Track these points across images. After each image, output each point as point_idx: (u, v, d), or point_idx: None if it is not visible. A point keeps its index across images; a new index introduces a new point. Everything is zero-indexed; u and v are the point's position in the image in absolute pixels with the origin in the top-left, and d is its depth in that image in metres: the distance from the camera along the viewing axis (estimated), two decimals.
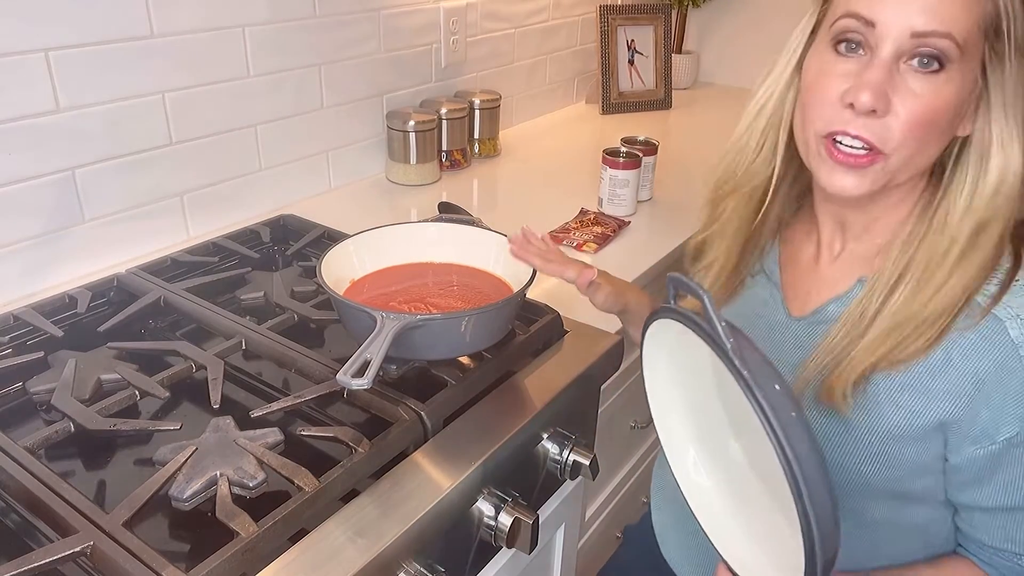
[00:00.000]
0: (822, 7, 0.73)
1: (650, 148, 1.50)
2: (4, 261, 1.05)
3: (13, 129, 1.01)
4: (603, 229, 1.37)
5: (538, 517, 0.80)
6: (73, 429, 0.77)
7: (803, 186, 0.83)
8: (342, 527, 0.68)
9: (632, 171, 1.42)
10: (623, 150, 1.45)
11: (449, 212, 1.37)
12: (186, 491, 0.68)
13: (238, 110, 1.29)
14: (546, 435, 0.88)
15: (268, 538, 0.64)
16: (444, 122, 1.61)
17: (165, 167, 1.21)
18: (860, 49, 0.68)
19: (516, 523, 0.79)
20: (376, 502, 0.71)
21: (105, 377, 0.85)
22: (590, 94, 2.23)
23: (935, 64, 0.66)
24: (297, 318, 0.98)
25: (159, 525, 0.69)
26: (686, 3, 2.31)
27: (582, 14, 2.11)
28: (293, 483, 0.69)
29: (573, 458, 0.89)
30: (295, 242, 1.20)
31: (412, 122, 1.52)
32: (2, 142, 1.01)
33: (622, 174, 1.42)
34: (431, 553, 0.73)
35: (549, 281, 0.93)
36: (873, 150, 0.68)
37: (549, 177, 1.67)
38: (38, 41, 1.01)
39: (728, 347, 0.55)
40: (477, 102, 1.70)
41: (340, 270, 0.92)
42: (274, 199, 1.40)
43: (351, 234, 0.96)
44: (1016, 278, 0.69)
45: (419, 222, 1.08)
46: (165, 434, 0.79)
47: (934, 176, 0.73)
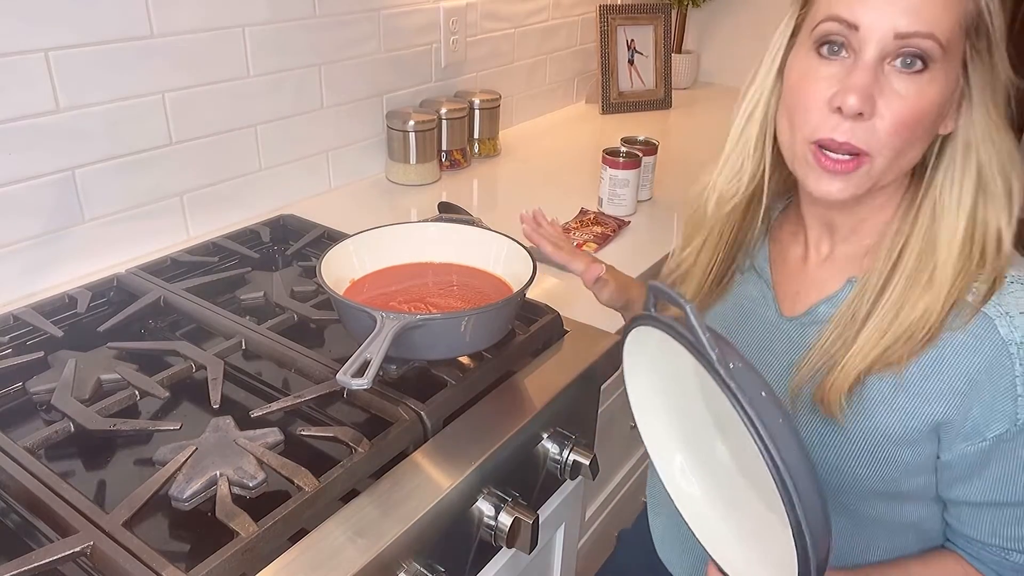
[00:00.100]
0: (801, 10, 0.73)
1: (650, 148, 1.50)
2: (4, 261, 1.05)
3: (13, 129, 1.01)
4: (603, 229, 1.37)
5: (538, 517, 0.80)
6: (73, 429, 0.77)
7: (789, 184, 0.83)
8: (342, 527, 0.68)
9: (632, 171, 1.42)
10: (623, 150, 1.45)
11: (449, 212, 1.37)
12: (186, 491, 0.68)
13: (238, 110, 1.29)
14: (546, 435, 0.88)
15: (268, 538, 0.64)
16: (444, 122, 1.61)
17: (165, 167, 1.21)
18: (843, 51, 0.68)
19: (516, 523, 0.79)
20: (376, 502, 0.71)
21: (105, 377, 0.85)
22: (590, 94, 2.23)
23: (919, 64, 0.66)
24: (297, 318, 0.98)
25: (159, 525, 0.69)
26: (686, 3, 2.31)
27: (582, 14, 2.11)
28: (293, 483, 0.69)
29: (573, 458, 0.89)
30: (295, 242, 1.20)
31: (412, 122, 1.52)
32: (2, 142, 1.01)
33: (622, 174, 1.42)
34: (431, 553, 0.73)
35: (549, 281, 0.93)
36: (859, 154, 0.68)
37: (549, 177, 1.67)
38: (38, 41, 1.01)
39: (714, 358, 0.54)
40: (477, 102, 1.70)
41: (340, 270, 0.92)
42: (274, 199, 1.40)
43: (351, 234, 0.96)
44: (1004, 275, 0.69)
45: (419, 222, 1.08)
46: (165, 434, 0.79)
47: (916, 175, 0.73)
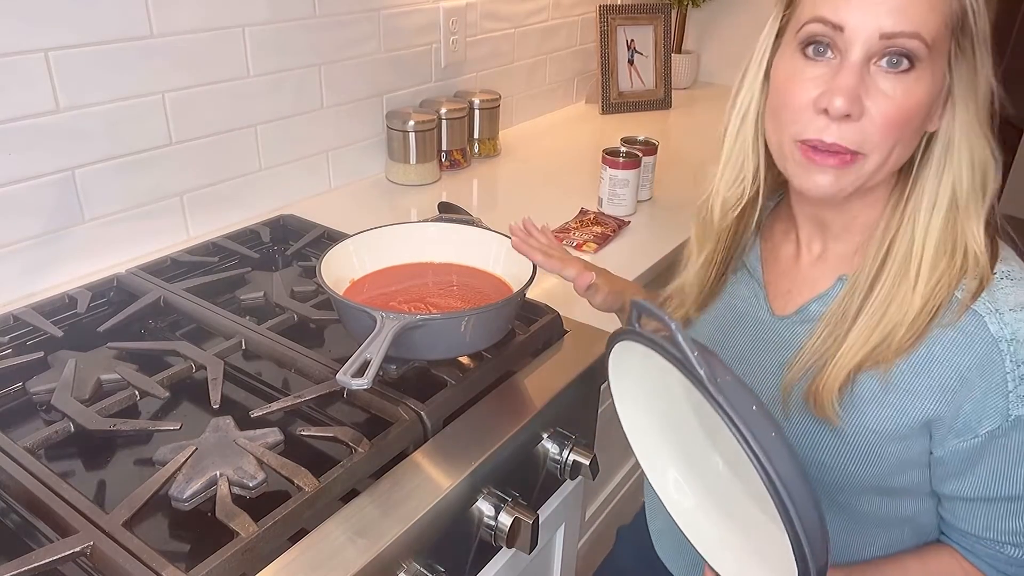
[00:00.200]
0: (785, 11, 0.73)
1: (650, 148, 1.50)
2: (4, 261, 1.05)
3: (13, 129, 1.01)
4: (603, 229, 1.37)
5: (538, 517, 0.80)
6: (73, 429, 0.77)
7: (779, 182, 0.83)
8: (342, 527, 0.68)
9: (632, 171, 1.42)
10: (623, 150, 1.45)
11: (449, 212, 1.37)
12: (186, 491, 0.68)
13: (238, 110, 1.29)
14: (546, 435, 0.88)
15: (268, 538, 0.64)
16: (444, 122, 1.61)
17: (165, 167, 1.21)
18: (829, 52, 0.68)
19: (516, 523, 0.79)
20: (376, 502, 0.71)
21: (105, 377, 0.85)
22: (590, 94, 2.23)
23: (905, 63, 0.66)
24: (297, 318, 0.98)
25: (159, 525, 0.69)
26: (686, 3, 2.31)
27: (582, 14, 2.11)
28: (293, 483, 0.69)
29: (573, 458, 0.89)
30: (295, 242, 1.20)
31: (412, 122, 1.52)
32: (2, 142, 1.01)
33: (622, 174, 1.42)
34: (431, 553, 0.73)
35: (549, 281, 0.93)
36: (851, 154, 0.68)
37: (549, 177, 1.67)
38: (38, 41, 1.01)
39: (703, 376, 0.54)
40: (477, 102, 1.70)
41: (340, 270, 0.92)
42: (274, 199, 1.40)
43: (351, 234, 0.96)
44: (993, 272, 0.69)
45: (419, 222, 1.08)
46: (165, 434, 0.79)
47: (904, 171, 0.73)
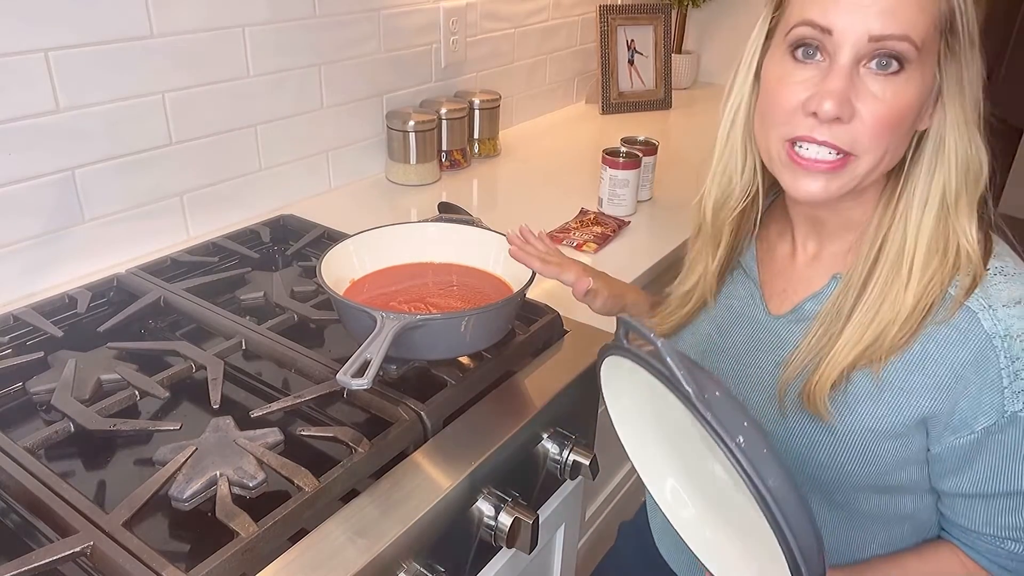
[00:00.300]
0: (774, 13, 0.73)
1: (650, 148, 1.50)
2: (4, 261, 1.05)
3: (13, 129, 1.01)
4: (603, 229, 1.37)
5: (538, 517, 0.80)
6: (73, 429, 0.77)
7: (774, 181, 0.83)
8: (342, 527, 0.68)
9: (632, 171, 1.42)
10: (623, 150, 1.45)
11: (449, 212, 1.37)
12: (186, 491, 0.68)
13: (238, 110, 1.29)
14: (546, 435, 0.88)
15: (268, 538, 0.64)
16: (444, 122, 1.61)
17: (165, 167, 1.21)
18: (818, 54, 0.68)
19: (516, 523, 0.79)
20: (376, 502, 0.71)
21: (105, 377, 0.85)
22: (590, 94, 2.23)
23: (895, 65, 0.66)
24: (297, 318, 0.98)
25: (159, 525, 0.69)
26: (686, 3, 2.31)
27: (582, 14, 2.11)
28: (293, 483, 0.69)
29: (573, 458, 0.89)
30: (295, 242, 1.20)
31: (412, 122, 1.52)
32: (2, 142, 1.01)
33: (622, 174, 1.42)
34: (431, 553, 0.73)
35: (549, 281, 0.93)
36: (844, 154, 0.68)
37: (549, 177, 1.67)
38: (38, 41, 1.01)
39: (692, 393, 0.54)
40: (477, 102, 1.70)
41: (340, 270, 0.92)
42: (274, 199, 1.40)
43: (351, 234, 0.96)
44: (987, 268, 0.69)
45: (419, 222, 1.08)
46: (165, 434, 0.79)
47: (896, 169, 0.74)
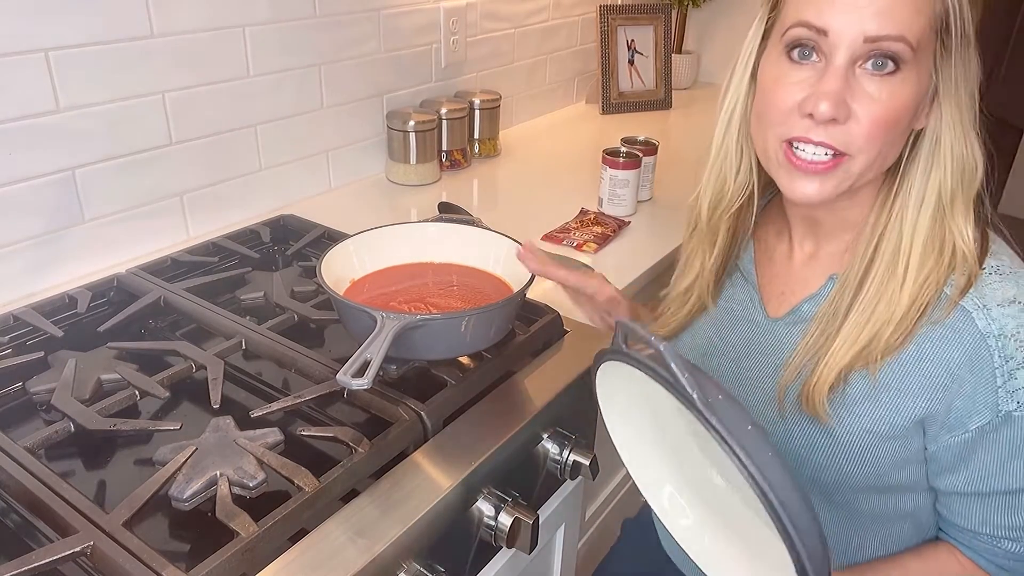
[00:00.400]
0: (771, 13, 0.73)
1: (650, 148, 1.50)
2: (4, 261, 1.05)
3: (13, 129, 1.01)
4: (603, 229, 1.37)
5: (538, 517, 0.80)
6: (73, 429, 0.77)
7: (770, 181, 0.83)
8: (342, 527, 0.68)
9: (632, 171, 1.42)
10: (623, 150, 1.45)
11: (449, 212, 1.37)
12: (186, 491, 0.68)
13: (238, 110, 1.29)
14: (546, 435, 0.88)
15: (268, 538, 0.64)
16: (444, 122, 1.61)
17: (165, 167, 1.21)
18: (814, 55, 0.68)
19: (516, 523, 0.79)
20: (376, 502, 0.71)
21: (105, 377, 0.85)
22: (590, 94, 2.23)
23: (890, 66, 0.66)
24: (297, 318, 0.98)
25: (159, 525, 0.69)
26: (686, 3, 2.31)
27: (582, 14, 2.11)
28: (293, 483, 0.69)
29: (573, 458, 0.89)
30: (295, 242, 1.20)
31: (412, 122, 1.52)
32: (2, 142, 1.01)
33: (622, 174, 1.42)
34: (431, 553, 0.73)
35: (549, 281, 0.93)
36: (839, 154, 0.68)
37: (549, 177, 1.67)
38: (38, 41, 1.01)
39: (696, 398, 0.54)
40: (477, 102, 1.70)
41: (340, 270, 0.92)
42: (274, 199, 1.40)
43: (351, 234, 0.96)
44: (983, 267, 0.69)
45: (419, 222, 1.08)
46: (165, 434, 0.79)
47: (892, 169, 0.74)
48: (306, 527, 0.67)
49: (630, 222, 1.43)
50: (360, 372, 0.71)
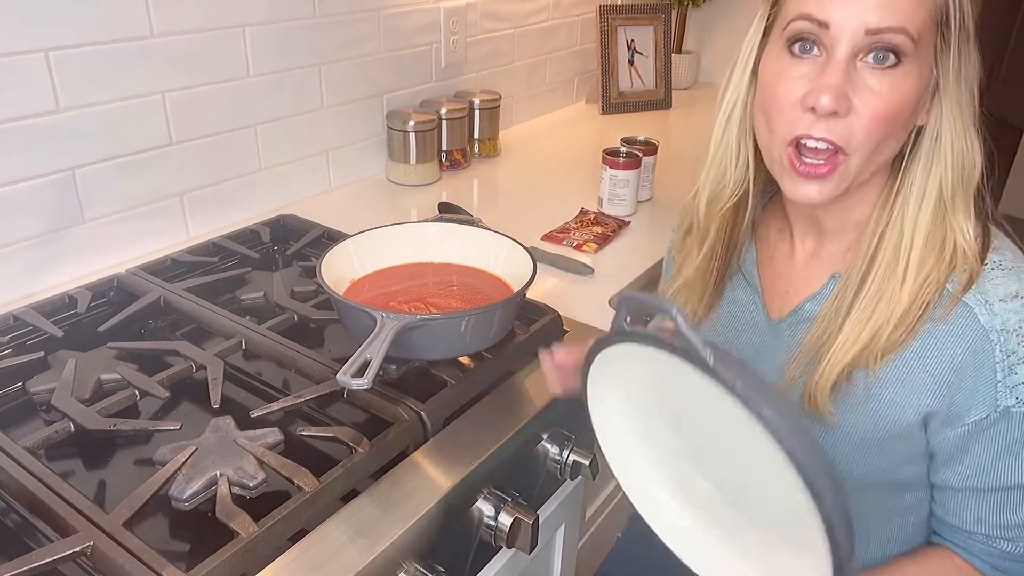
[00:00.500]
0: (771, 9, 0.73)
1: (650, 148, 1.50)
2: (4, 261, 1.05)
3: (13, 129, 1.01)
4: (603, 229, 1.37)
5: (538, 517, 0.80)
6: (73, 429, 0.77)
7: (770, 179, 0.83)
8: (342, 527, 0.68)
9: (632, 171, 1.42)
10: (623, 150, 1.45)
11: (449, 212, 1.37)
12: (186, 491, 0.68)
13: (238, 110, 1.29)
14: (546, 435, 0.88)
15: (268, 538, 0.64)
16: (444, 122, 1.61)
17: (165, 167, 1.21)
18: (815, 49, 0.68)
19: (516, 523, 0.78)
20: (376, 502, 0.71)
21: (105, 377, 0.85)
22: (590, 94, 2.23)
23: (891, 59, 0.66)
24: (297, 318, 0.98)
25: (159, 525, 0.69)
26: (686, 3, 2.31)
27: (582, 14, 2.11)
28: (293, 483, 0.69)
29: (573, 458, 0.89)
30: (295, 242, 1.20)
31: (412, 122, 1.52)
32: (2, 142, 1.01)
33: (622, 174, 1.42)
34: (431, 553, 0.73)
35: (549, 281, 0.93)
36: (837, 152, 0.68)
37: (549, 177, 1.67)
38: (38, 41, 1.01)
39: (731, 383, 0.48)
40: (477, 102, 1.70)
41: (340, 270, 0.92)
42: (274, 199, 1.40)
43: (351, 234, 0.96)
44: (984, 263, 0.69)
45: (419, 222, 1.08)
46: (165, 434, 0.79)
47: (894, 165, 0.74)
48: (306, 527, 0.67)
49: (630, 222, 1.43)
50: (360, 372, 0.71)
